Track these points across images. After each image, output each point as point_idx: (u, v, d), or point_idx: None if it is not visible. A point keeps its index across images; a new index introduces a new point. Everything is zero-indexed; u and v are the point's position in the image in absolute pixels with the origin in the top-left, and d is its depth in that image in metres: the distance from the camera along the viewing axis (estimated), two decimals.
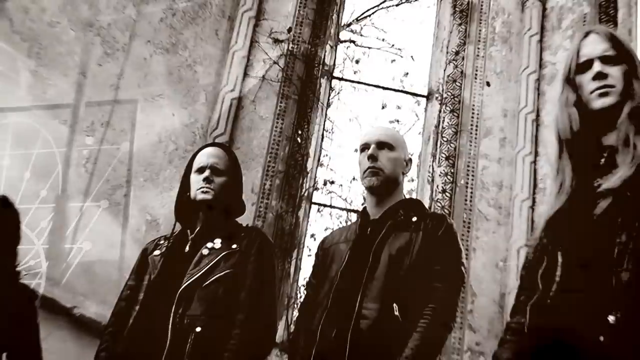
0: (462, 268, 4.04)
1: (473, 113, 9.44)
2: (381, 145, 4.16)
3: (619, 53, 2.99)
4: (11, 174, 6.83)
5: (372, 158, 4.12)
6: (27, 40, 7.28)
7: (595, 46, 3.01)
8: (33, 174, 7.03)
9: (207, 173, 4.22)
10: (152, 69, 8.35)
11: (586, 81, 2.98)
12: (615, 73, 2.94)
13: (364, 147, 4.20)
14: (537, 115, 9.22)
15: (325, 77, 9.77)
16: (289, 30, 9.49)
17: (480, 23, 10.00)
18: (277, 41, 9.43)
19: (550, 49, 9.68)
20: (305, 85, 9.37)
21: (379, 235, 3.99)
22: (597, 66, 2.96)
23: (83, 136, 7.60)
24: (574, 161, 3.03)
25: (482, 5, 10.11)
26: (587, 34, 3.09)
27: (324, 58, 9.77)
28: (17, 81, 7.14)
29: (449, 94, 9.69)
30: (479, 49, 9.86)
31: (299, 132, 9.15)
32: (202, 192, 4.19)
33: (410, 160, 4.32)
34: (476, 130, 9.35)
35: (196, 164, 4.31)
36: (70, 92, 7.52)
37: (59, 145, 7.38)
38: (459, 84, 9.68)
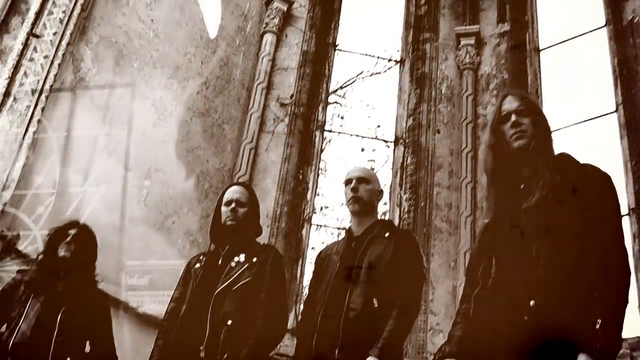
0: (423, 269, 4.05)
1: (428, 153, 9.45)
2: (360, 180, 4.16)
3: (528, 108, 3.03)
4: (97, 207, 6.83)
5: (354, 190, 4.12)
6: (102, 110, 7.29)
7: (511, 104, 3.04)
8: (109, 207, 7.02)
9: (233, 205, 4.21)
10: (192, 128, 8.36)
11: (507, 129, 3.00)
12: (526, 122, 2.97)
13: (348, 181, 4.21)
14: (475, 154, 9.24)
15: (319, 130, 9.77)
16: (292, 96, 9.51)
17: (431, 87, 10.02)
18: (283, 105, 9.45)
19: (482, 105, 9.72)
20: (304, 136, 9.39)
21: (361, 247, 3.99)
22: (513, 117, 2.98)
23: (142, 179, 7.59)
24: (497, 188, 3.05)
25: (431, 74, 10.13)
26: (505, 95, 3.12)
27: (318, 116, 9.79)
28: (96, 139, 7.14)
29: (410, 139, 9.70)
30: (430, 106, 9.87)
31: (301, 171, 9.15)
32: (230, 220, 4.18)
33: (382, 191, 4.32)
34: (431, 166, 9.35)
35: (225, 199, 4.30)
36: (133, 147, 7.52)
37: (125, 186, 7.38)
38: (417, 132, 9.68)
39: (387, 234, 4.03)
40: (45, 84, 6.64)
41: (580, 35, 9.83)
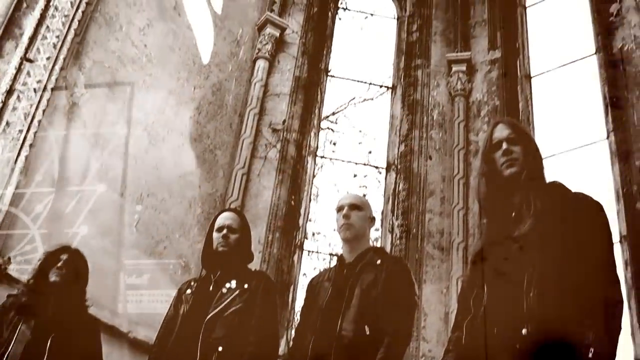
0: (415, 297, 4.04)
1: (420, 179, 9.47)
2: (352, 207, 4.15)
3: (519, 136, 3.05)
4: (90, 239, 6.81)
5: (346, 217, 4.11)
6: (95, 135, 7.29)
7: (502, 132, 3.06)
8: (101, 232, 7.01)
9: (224, 231, 4.22)
10: (184, 154, 8.36)
11: (498, 157, 3.01)
12: (517, 150, 2.99)
13: (340, 208, 4.19)
14: (467, 180, 9.26)
15: (311, 156, 9.78)
16: (284, 122, 9.52)
17: (423, 113, 10.07)
18: (275, 130, 9.46)
19: (473, 131, 9.76)
20: (296, 162, 9.39)
21: (353, 274, 3.98)
22: (504, 146, 3.00)
23: (134, 204, 7.58)
24: (489, 215, 3.06)
25: (423, 101, 10.19)
26: (496, 124, 3.15)
27: (310, 142, 9.80)
28: (87, 166, 7.14)
29: (402, 166, 9.72)
30: (422, 132, 9.91)
31: (293, 197, 9.14)
32: (221, 246, 4.18)
33: (374, 218, 4.31)
34: (423, 192, 9.37)
35: (217, 225, 4.31)
36: (125, 173, 7.52)
37: (117, 212, 7.37)
38: (409, 158, 9.71)
39: (378, 261, 4.01)
40: (38, 109, 6.65)
41: (571, 62, 9.90)
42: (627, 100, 8.50)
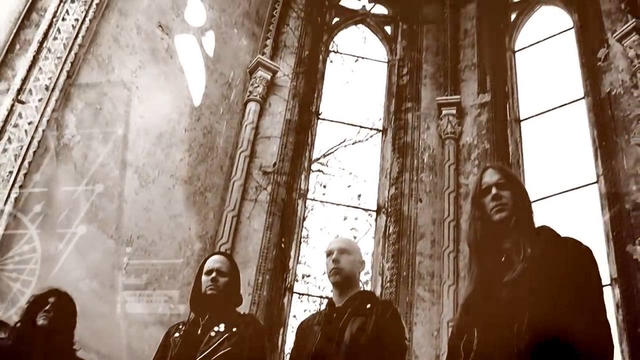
0: (405, 341, 4.01)
1: (410, 222, 9.48)
2: (342, 251, 4.14)
3: (508, 181, 3.06)
4: (72, 274, 6.77)
5: (335, 261, 4.09)
6: (85, 177, 7.29)
7: (492, 177, 3.07)
8: (90, 274, 6.98)
9: (213, 275, 4.21)
10: (174, 196, 8.37)
11: (487, 201, 3.02)
12: (506, 195, 3.00)
13: (329, 252, 4.18)
14: (457, 223, 9.28)
15: (301, 198, 9.79)
16: (274, 165, 9.55)
17: (413, 156, 10.12)
18: (265, 173, 9.48)
19: (464, 174, 9.80)
20: (286, 205, 9.39)
21: (342, 319, 3.95)
22: (494, 190, 3.01)
23: (124, 246, 7.56)
24: (478, 260, 3.06)
25: (413, 144, 10.24)
26: (486, 169, 3.16)
27: (300, 184, 9.82)
28: (77, 207, 7.13)
29: (393, 208, 9.74)
30: (413, 175, 9.94)
31: (283, 239, 9.13)
32: (210, 289, 4.17)
33: (364, 262, 4.30)
34: (413, 235, 9.37)
35: (206, 268, 4.30)
36: (116, 214, 7.52)
37: (107, 253, 7.36)
38: (400, 201, 9.73)
39: (368, 306, 3.99)
40: (29, 150, 6.66)
41: (560, 106, 10.00)
42: (616, 144, 8.57)
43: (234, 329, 4.05)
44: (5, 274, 6.26)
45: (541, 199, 9.05)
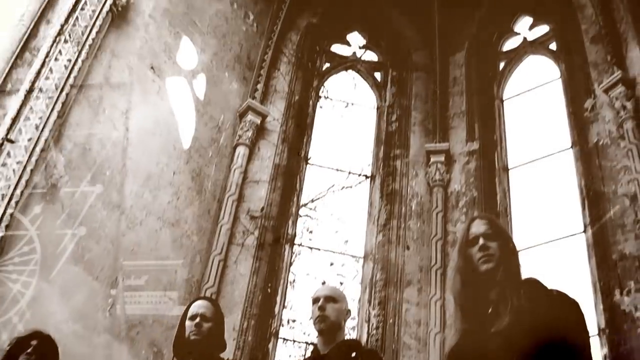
0: None
1: (397, 269, 9.49)
2: (328, 299, 4.13)
3: (496, 232, 3.08)
4: (56, 317, 6.73)
5: (321, 309, 4.08)
6: (73, 217, 7.29)
7: (479, 227, 3.09)
8: (73, 316, 6.94)
9: (197, 320, 4.18)
10: (161, 239, 8.35)
11: (474, 252, 3.04)
12: (493, 246, 3.01)
13: (316, 300, 4.17)
14: (444, 270, 9.29)
15: (288, 243, 9.78)
16: (262, 209, 9.57)
17: (401, 204, 10.16)
18: (253, 217, 9.49)
19: (451, 222, 9.84)
20: (273, 250, 9.39)
21: None
22: (481, 241, 3.03)
23: (108, 288, 7.52)
24: (464, 311, 3.07)
25: (402, 191, 10.29)
26: (473, 219, 3.18)
27: (288, 229, 9.83)
28: (64, 248, 7.11)
29: (380, 255, 9.75)
30: (400, 222, 9.98)
31: (269, 284, 9.10)
32: (194, 334, 4.14)
33: (350, 310, 4.28)
34: (400, 282, 9.37)
35: (190, 313, 4.28)
36: (102, 256, 7.50)
37: (93, 295, 7.32)
38: (387, 248, 9.75)
39: (353, 354, 3.99)
40: (17, 190, 6.65)
41: (548, 155, 10.10)
42: (603, 194, 8.65)
43: None
44: None
45: (528, 248, 9.10)
